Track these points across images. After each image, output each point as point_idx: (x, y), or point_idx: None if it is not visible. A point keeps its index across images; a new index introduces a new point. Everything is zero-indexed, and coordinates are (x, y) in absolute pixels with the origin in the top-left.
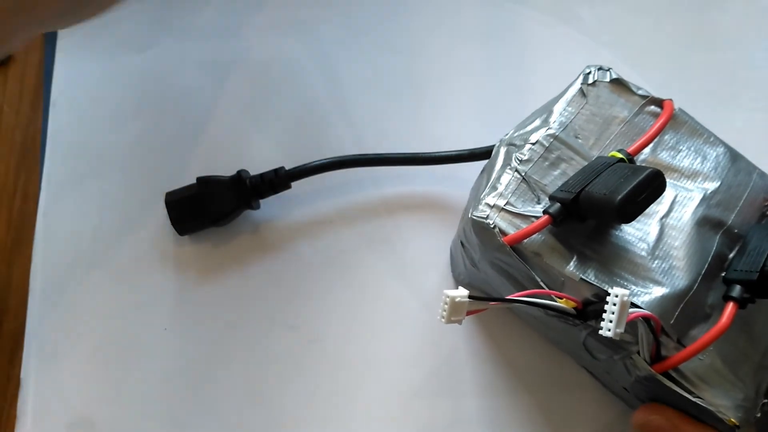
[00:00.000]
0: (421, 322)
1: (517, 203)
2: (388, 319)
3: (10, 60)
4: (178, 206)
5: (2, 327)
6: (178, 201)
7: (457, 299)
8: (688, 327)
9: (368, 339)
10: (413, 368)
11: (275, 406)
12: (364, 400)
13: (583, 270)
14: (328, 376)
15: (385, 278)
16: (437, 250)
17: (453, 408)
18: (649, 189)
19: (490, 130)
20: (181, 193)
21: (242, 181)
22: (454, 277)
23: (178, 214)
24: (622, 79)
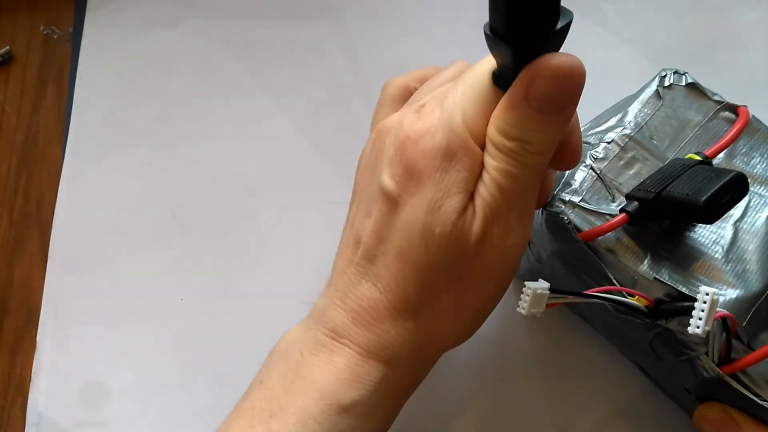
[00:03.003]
0: None
1: (591, 200)
2: None
3: (11, 60)
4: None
5: (3, 326)
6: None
7: (539, 291)
8: (758, 330)
9: None
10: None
11: None
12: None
13: (657, 269)
14: None
15: None
16: None
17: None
18: (733, 191)
19: None
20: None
21: None
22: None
23: None
24: (697, 84)
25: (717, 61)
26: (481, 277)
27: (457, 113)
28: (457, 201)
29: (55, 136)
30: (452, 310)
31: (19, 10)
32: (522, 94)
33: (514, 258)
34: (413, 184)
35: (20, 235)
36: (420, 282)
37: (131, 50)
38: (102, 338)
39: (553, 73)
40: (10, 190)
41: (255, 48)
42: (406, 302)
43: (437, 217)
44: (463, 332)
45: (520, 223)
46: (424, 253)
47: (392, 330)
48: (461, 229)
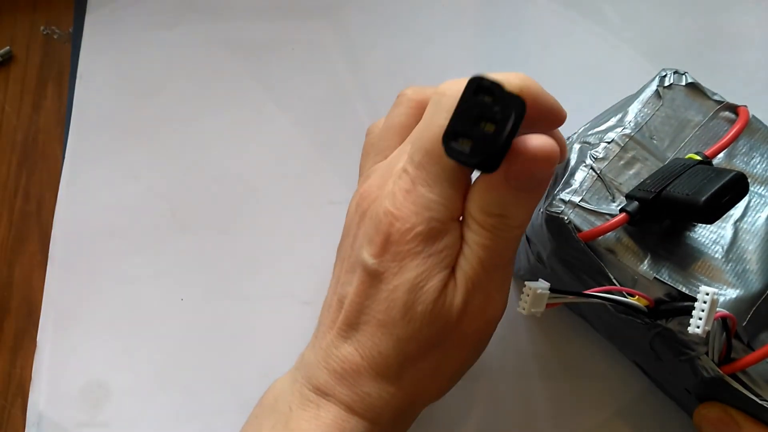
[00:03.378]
0: None
1: (591, 200)
2: None
3: (11, 60)
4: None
5: (3, 326)
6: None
7: (539, 291)
8: (758, 330)
9: None
10: None
11: None
12: None
13: (657, 269)
14: None
15: None
16: None
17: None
18: (733, 191)
19: None
20: None
21: None
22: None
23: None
24: (697, 84)
25: (717, 60)
26: (461, 344)
27: (432, 195)
28: (438, 280)
29: (55, 136)
30: (432, 375)
31: (19, 11)
32: (501, 176)
33: (493, 325)
34: (395, 264)
35: (20, 235)
36: (401, 352)
37: (131, 50)
38: (102, 338)
39: (531, 156)
40: (10, 190)
41: (255, 48)
42: (387, 369)
43: (419, 296)
44: (443, 390)
45: (500, 293)
46: (406, 328)
47: (374, 392)
48: (443, 305)
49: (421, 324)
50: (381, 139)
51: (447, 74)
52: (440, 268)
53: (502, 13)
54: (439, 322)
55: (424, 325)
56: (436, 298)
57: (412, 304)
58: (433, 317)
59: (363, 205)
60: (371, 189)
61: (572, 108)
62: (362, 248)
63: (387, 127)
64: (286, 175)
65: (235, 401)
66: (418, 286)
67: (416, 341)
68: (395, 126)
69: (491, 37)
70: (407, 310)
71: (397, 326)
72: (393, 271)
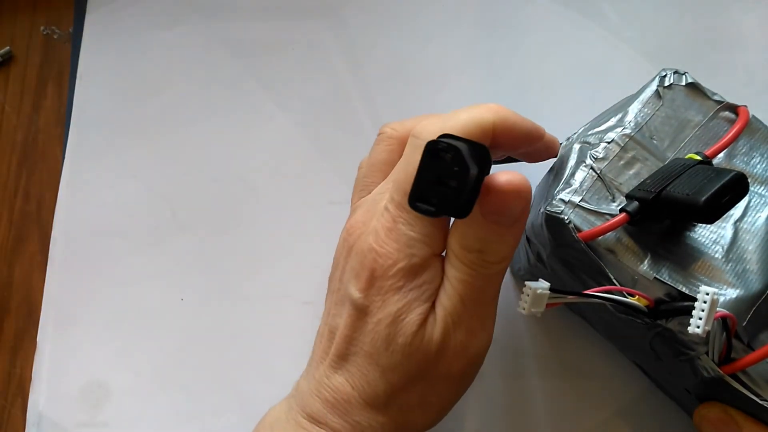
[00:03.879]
0: None
1: (591, 200)
2: None
3: (11, 60)
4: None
5: (3, 327)
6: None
7: (539, 291)
8: (758, 330)
9: None
10: None
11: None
12: None
13: (657, 269)
14: None
15: None
16: None
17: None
18: (733, 191)
19: None
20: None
21: None
22: (513, 273)
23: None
24: (697, 84)
25: (717, 60)
26: (446, 378)
27: (413, 232)
28: (417, 314)
29: (55, 136)
30: (419, 406)
31: (18, 11)
32: (477, 211)
33: (478, 360)
34: (379, 298)
35: (20, 235)
36: (387, 383)
37: (131, 50)
38: (102, 338)
39: (502, 192)
40: (10, 190)
41: (255, 48)
42: (376, 399)
43: (399, 329)
44: (432, 421)
45: (483, 329)
46: (389, 359)
47: (364, 422)
48: (421, 339)
49: (402, 356)
50: (365, 175)
51: (447, 74)
52: (420, 302)
53: (502, 14)
54: (418, 355)
55: (404, 357)
56: (414, 332)
57: (394, 337)
58: (413, 350)
59: (349, 240)
60: (356, 224)
61: (572, 108)
62: (349, 283)
63: (370, 164)
64: (286, 175)
65: (234, 401)
66: (399, 319)
67: (398, 373)
68: (377, 163)
69: (491, 37)
70: (390, 343)
71: (382, 357)
72: (377, 305)
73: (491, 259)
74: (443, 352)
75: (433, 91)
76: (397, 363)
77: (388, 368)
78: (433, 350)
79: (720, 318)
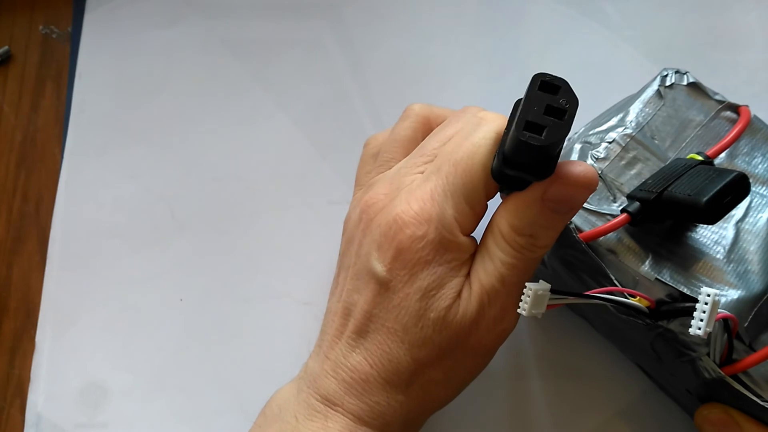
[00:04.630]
0: None
1: (592, 201)
2: None
3: (10, 60)
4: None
5: (2, 327)
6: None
7: (540, 292)
8: (760, 331)
9: None
10: None
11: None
12: None
13: (658, 270)
14: None
15: None
16: None
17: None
18: (735, 192)
19: None
20: None
21: None
22: None
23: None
24: (699, 83)
25: (718, 60)
26: (473, 353)
27: (449, 208)
28: (450, 289)
29: (54, 135)
30: (442, 383)
31: (17, 10)
32: (539, 195)
33: (504, 337)
34: (405, 272)
35: (19, 236)
36: (412, 360)
37: (130, 49)
38: (101, 338)
39: (574, 180)
40: (9, 190)
41: (254, 47)
42: (397, 377)
43: (431, 304)
44: (453, 396)
45: (516, 307)
46: (418, 335)
47: (383, 401)
48: (456, 313)
49: (434, 331)
50: (385, 150)
51: (447, 74)
52: (451, 277)
53: (502, 13)
54: (450, 330)
55: (436, 332)
56: (448, 306)
57: (425, 312)
58: (446, 324)
59: (369, 212)
60: (378, 196)
61: None
62: (370, 256)
63: (393, 139)
64: (286, 175)
65: (234, 401)
66: (430, 294)
67: (428, 348)
68: (402, 139)
69: (491, 36)
70: (420, 317)
71: (409, 333)
72: (403, 279)
73: (539, 244)
74: (476, 327)
75: (433, 90)
76: (426, 339)
77: (416, 344)
78: (467, 325)
79: (721, 319)
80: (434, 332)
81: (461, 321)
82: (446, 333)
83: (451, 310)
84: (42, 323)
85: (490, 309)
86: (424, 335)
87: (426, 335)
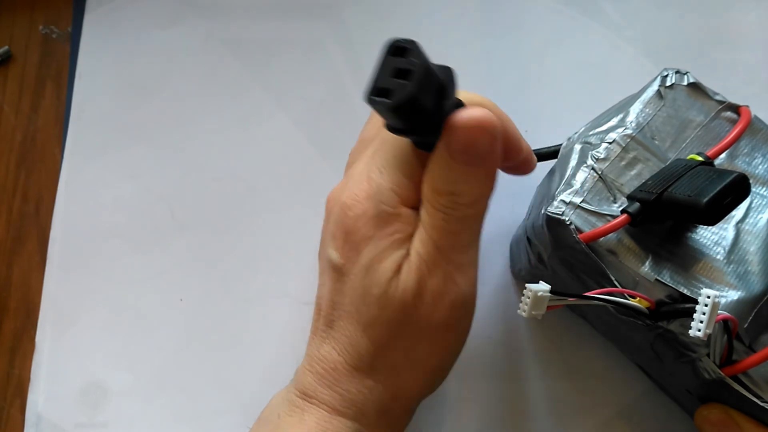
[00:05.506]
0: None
1: (592, 201)
2: None
3: (10, 60)
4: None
5: (2, 327)
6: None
7: (540, 293)
8: (760, 332)
9: None
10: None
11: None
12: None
13: (658, 271)
14: None
15: None
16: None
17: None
18: (735, 193)
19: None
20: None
21: None
22: (514, 273)
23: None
24: (699, 84)
25: (719, 60)
26: (428, 330)
27: (385, 182)
28: (391, 261)
29: (54, 135)
30: (408, 365)
31: (17, 10)
32: (443, 151)
33: (460, 309)
34: (353, 253)
35: (19, 236)
36: (369, 341)
37: (130, 49)
38: (101, 339)
39: (462, 126)
40: (9, 190)
41: (254, 47)
42: (360, 362)
43: (373, 279)
44: (427, 383)
45: (462, 274)
46: (367, 314)
47: (353, 389)
48: (396, 287)
49: (378, 308)
50: (351, 153)
51: None
52: (392, 250)
53: (502, 13)
54: (394, 304)
55: (380, 308)
56: (389, 279)
57: (369, 288)
58: (388, 299)
59: (327, 209)
60: (333, 193)
61: (573, 108)
62: (327, 246)
63: (359, 141)
64: (286, 175)
65: (234, 401)
66: (372, 269)
67: (379, 327)
68: (364, 140)
69: (491, 36)
70: (365, 295)
71: (361, 313)
72: (353, 261)
73: (463, 201)
74: (420, 299)
75: None
76: (375, 316)
77: (368, 324)
78: (409, 298)
79: (721, 320)
80: (379, 309)
81: (403, 295)
82: (390, 308)
83: (391, 285)
84: (42, 323)
85: (431, 279)
86: (371, 314)
87: (373, 313)
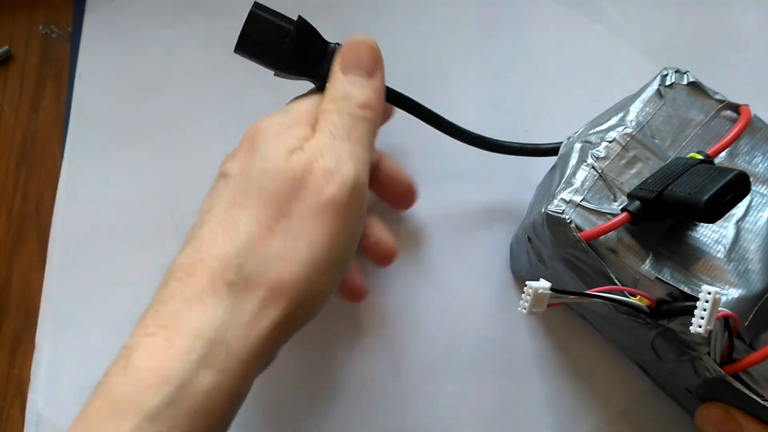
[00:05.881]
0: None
1: (593, 200)
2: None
3: (10, 60)
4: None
5: (2, 327)
6: (264, 21)
7: (540, 291)
8: (760, 330)
9: (433, 329)
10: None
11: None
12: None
13: (658, 269)
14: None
15: (441, 269)
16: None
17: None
18: (735, 191)
19: (511, 118)
20: (274, 17)
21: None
22: (514, 272)
23: (255, 31)
24: (699, 83)
25: (718, 59)
26: (318, 208)
27: (294, 108)
28: (284, 145)
29: (54, 135)
30: (283, 254)
31: (17, 10)
32: (338, 70)
33: (352, 190)
34: (250, 153)
35: (19, 236)
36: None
37: (131, 49)
38: (101, 339)
39: (349, 43)
40: (9, 190)
41: None
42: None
43: (266, 159)
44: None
45: (351, 160)
46: (256, 190)
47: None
48: (287, 162)
49: (269, 181)
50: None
51: (447, 74)
52: (288, 139)
53: (502, 12)
54: (284, 176)
55: (270, 181)
56: (282, 155)
57: (263, 168)
58: (279, 172)
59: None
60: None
61: (573, 107)
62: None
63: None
64: None
65: None
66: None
67: (264, 203)
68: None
69: (491, 36)
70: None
71: (248, 193)
72: (248, 155)
73: (355, 102)
74: (311, 173)
75: (433, 90)
76: (263, 190)
77: (254, 201)
78: (299, 172)
79: (722, 318)
80: (270, 182)
81: (294, 167)
82: (281, 181)
83: (283, 161)
84: (42, 323)
85: (322, 159)
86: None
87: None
